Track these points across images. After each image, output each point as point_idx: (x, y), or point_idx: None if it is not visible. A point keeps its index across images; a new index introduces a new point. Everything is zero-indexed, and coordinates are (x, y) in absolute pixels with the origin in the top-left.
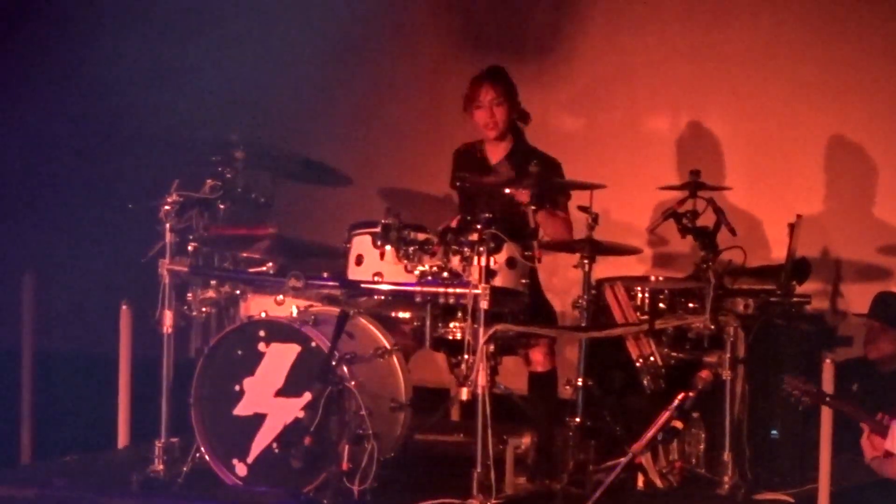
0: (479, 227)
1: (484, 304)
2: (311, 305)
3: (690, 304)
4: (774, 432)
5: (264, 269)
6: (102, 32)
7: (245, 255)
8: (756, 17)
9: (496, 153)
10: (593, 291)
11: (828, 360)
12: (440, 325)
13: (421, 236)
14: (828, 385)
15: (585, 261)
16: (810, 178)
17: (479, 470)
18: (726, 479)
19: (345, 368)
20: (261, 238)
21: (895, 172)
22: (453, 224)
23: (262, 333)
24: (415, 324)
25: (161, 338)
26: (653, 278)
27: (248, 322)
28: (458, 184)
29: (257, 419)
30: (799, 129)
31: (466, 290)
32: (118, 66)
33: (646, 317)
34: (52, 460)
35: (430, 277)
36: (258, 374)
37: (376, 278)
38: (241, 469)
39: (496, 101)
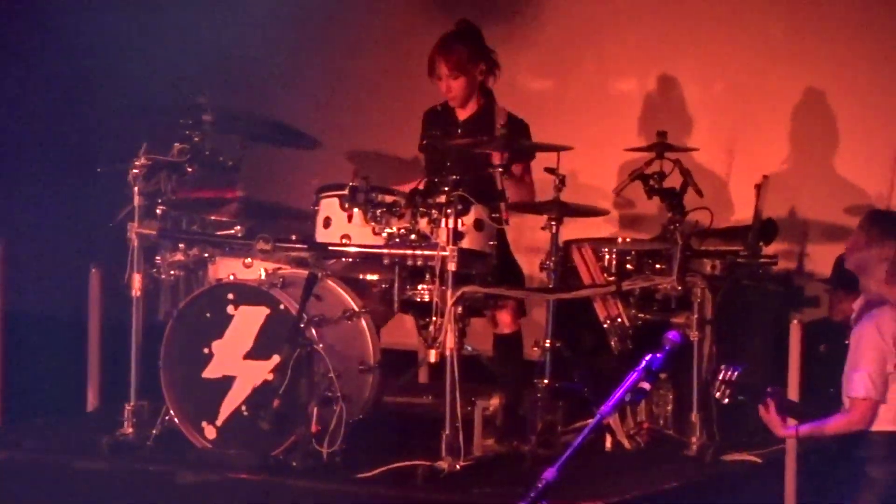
0: (446, 189)
1: (452, 266)
2: (280, 268)
3: (658, 266)
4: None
5: (232, 231)
6: None
7: (213, 217)
8: None
9: (464, 111)
10: (561, 253)
11: (795, 321)
12: (408, 287)
13: (388, 198)
14: (795, 346)
15: (553, 222)
16: (777, 138)
17: (447, 432)
18: (694, 439)
19: (313, 331)
20: (229, 201)
21: (862, 133)
22: (419, 185)
23: (230, 296)
24: (383, 286)
25: (130, 301)
26: (620, 240)
27: (217, 285)
28: (424, 143)
29: (226, 382)
30: (766, 89)
31: (434, 252)
32: (87, 30)
33: (613, 278)
34: (21, 423)
35: (397, 240)
36: (227, 337)
37: (344, 241)
38: (210, 432)
39: (451, 74)
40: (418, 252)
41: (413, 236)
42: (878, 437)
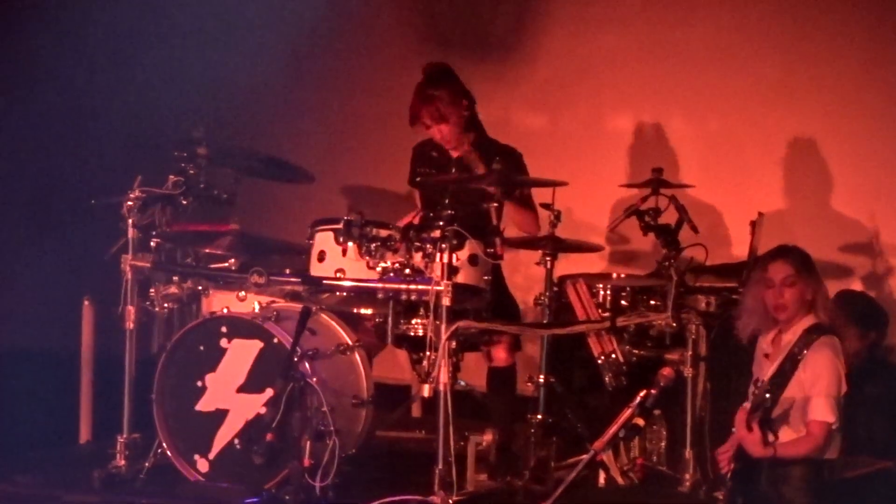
0: (441, 223)
1: (446, 301)
2: (274, 301)
3: (652, 302)
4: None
5: (226, 265)
6: (65, 29)
7: (207, 251)
8: (717, 16)
9: (457, 150)
10: (555, 288)
11: None
12: (402, 321)
13: (383, 233)
14: None
15: (547, 258)
16: (772, 175)
17: (440, 466)
18: (687, 476)
19: (307, 365)
20: (223, 234)
21: (856, 170)
22: (412, 219)
23: (224, 329)
24: (377, 320)
25: (124, 333)
26: (615, 275)
27: (211, 318)
28: (418, 180)
29: (219, 415)
30: (761, 127)
31: (429, 287)
32: (82, 63)
33: (608, 314)
34: (13, 456)
35: (392, 274)
36: (220, 370)
37: (338, 275)
38: (202, 465)
39: (437, 121)
40: (412, 287)
41: (407, 271)
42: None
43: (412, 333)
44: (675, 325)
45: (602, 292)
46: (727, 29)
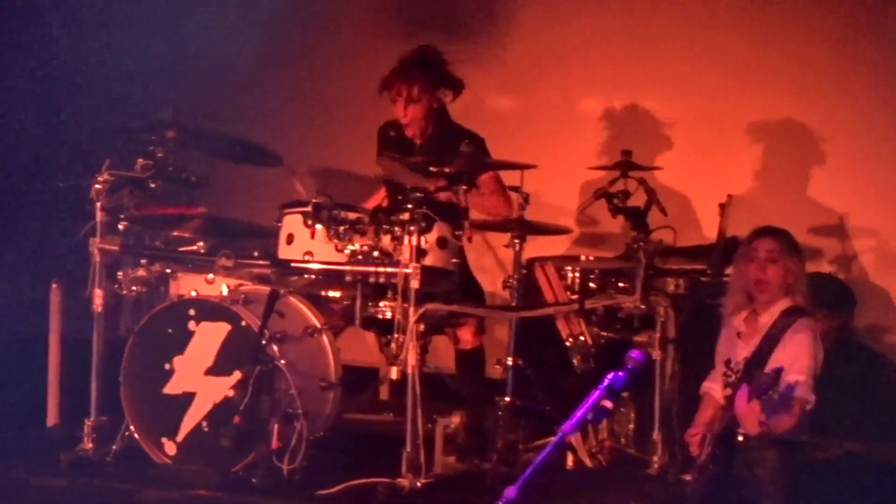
0: (409, 206)
1: (414, 284)
2: (242, 284)
3: (621, 284)
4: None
5: (195, 248)
6: (31, 13)
7: (176, 234)
8: None
9: (421, 137)
10: (524, 271)
11: None
12: (370, 304)
13: (352, 215)
14: None
15: (516, 240)
16: (741, 158)
17: (408, 449)
18: (655, 458)
19: (275, 347)
20: (192, 217)
21: (826, 153)
22: (380, 202)
23: (192, 312)
24: (345, 303)
25: (92, 316)
26: (583, 258)
27: (179, 301)
28: (381, 158)
29: (187, 398)
30: (731, 109)
31: (397, 270)
32: (50, 46)
33: (576, 296)
34: None
35: (360, 257)
36: (188, 353)
37: (307, 257)
38: (170, 448)
39: (410, 100)
40: (381, 269)
41: (376, 253)
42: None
43: (380, 316)
44: (643, 307)
45: (570, 275)
46: (699, 11)
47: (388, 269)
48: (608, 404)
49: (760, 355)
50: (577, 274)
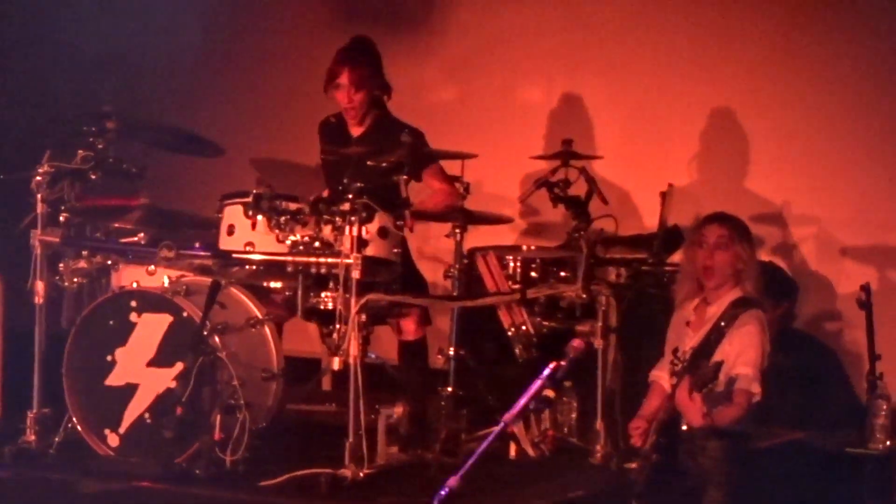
0: (350, 196)
1: (356, 274)
2: (183, 275)
3: (562, 273)
4: None
5: (136, 239)
6: None
7: (117, 225)
8: None
9: (358, 129)
10: (465, 261)
11: None
12: (312, 294)
13: (292, 206)
14: None
15: (457, 230)
16: (682, 147)
17: (351, 440)
18: (598, 448)
19: (216, 338)
20: (133, 208)
21: (766, 142)
22: (323, 193)
23: (133, 304)
24: (287, 293)
25: (33, 308)
26: (525, 247)
27: (120, 292)
28: (323, 157)
29: (129, 389)
30: (671, 98)
31: (338, 260)
32: None
33: (518, 286)
34: None
35: (301, 247)
36: (130, 345)
37: (248, 248)
38: (113, 439)
39: (354, 87)
40: (322, 260)
41: (317, 244)
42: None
43: (322, 307)
44: (585, 296)
45: (512, 264)
46: (638, 1)
47: (330, 260)
48: (550, 394)
49: (707, 346)
50: (518, 263)
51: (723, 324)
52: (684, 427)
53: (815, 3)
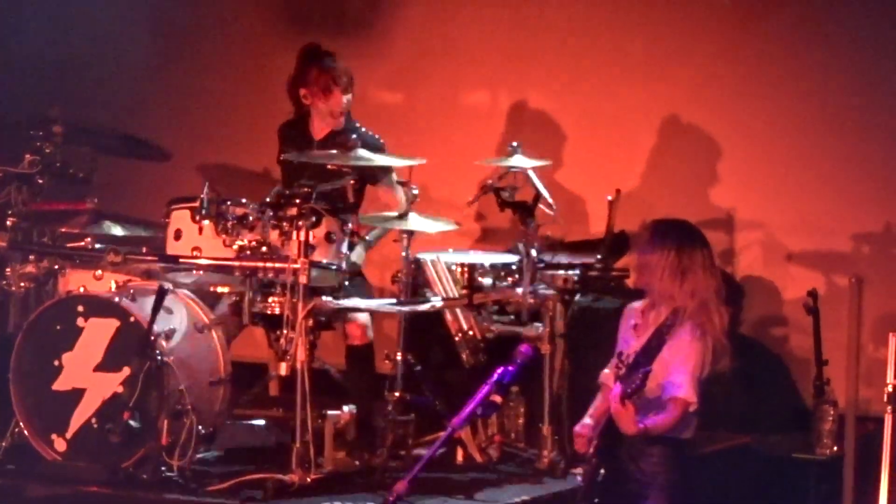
0: (297, 201)
1: (303, 279)
2: (130, 280)
3: (510, 279)
4: None
5: (83, 243)
6: None
7: (64, 230)
8: None
9: (321, 129)
10: (413, 266)
11: None
12: (259, 299)
13: (239, 210)
14: None
15: (405, 235)
16: (629, 152)
17: (298, 445)
18: (545, 452)
19: (163, 343)
20: (80, 213)
21: (714, 147)
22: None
23: (80, 308)
24: (234, 298)
25: None
26: (472, 252)
27: (67, 297)
28: (281, 158)
29: (76, 394)
30: (618, 104)
31: (286, 265)
32: None
33: (465, 291)
34: None
35: (249, 252)
36: (77, 349)
37: (195, 253)
38: (59, 444)
39: (348, 90)
40: (269, 265)
41: (264, 249)
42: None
43: (269, 312)
44: (532, 301)
45: (459, 269)
46: (586, 5)
47: (277, 265)
48: (497, 399)
49: (649, 352)
50: (465, 269)
51: (664, 330)
52: None
53: (763, 9)
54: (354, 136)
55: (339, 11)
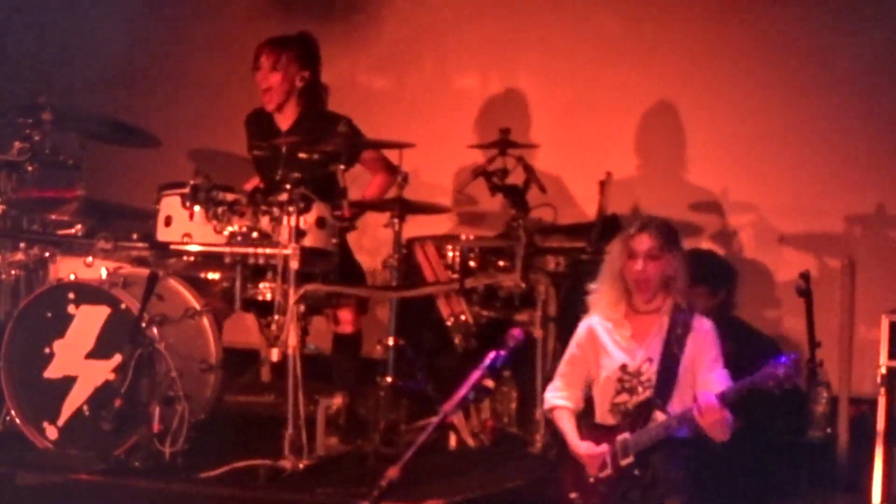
0: (288, 187)
1: (294, 265)
2: (121, 267)
3: (501, 263)
4: None
5: (73, 231)
6: None
7: (54, 217)
8: None
9: (286, 120)
10: (404, 250)
11: None
12: (250, 285)
13: (230, 196)
14: None
15: (395, 220)
16: (621, 136)
17: (290, 431)
18: (538, 437)
19: (154, 330)
20: (69, 200)
21: (705, 130)
22: (258, 183)
23: (71, 295)
24: (224, 284)
25: None
26: (463, 237)
27: (58, 284)
28: (254, 153)
29: (68, 381)
30: (608, 87)
31: (276, 251)
32: None
33: (456, 275)
34: None
35: (239, 238)
36: (68, 337)
37: (185, 239)
38: (51, 432)
39: (271, 67)
40: (260, 250)
41: (255, 234)
42: None
43: (260, 297)
44: (524, 285)
45: (451, 254)
46: None
47: (268, 251)
48: (490, 383)
49: (671, 358)
50: (457, 253)
51: (679, 332)
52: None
53: None
54: (344, 121)
55: None
